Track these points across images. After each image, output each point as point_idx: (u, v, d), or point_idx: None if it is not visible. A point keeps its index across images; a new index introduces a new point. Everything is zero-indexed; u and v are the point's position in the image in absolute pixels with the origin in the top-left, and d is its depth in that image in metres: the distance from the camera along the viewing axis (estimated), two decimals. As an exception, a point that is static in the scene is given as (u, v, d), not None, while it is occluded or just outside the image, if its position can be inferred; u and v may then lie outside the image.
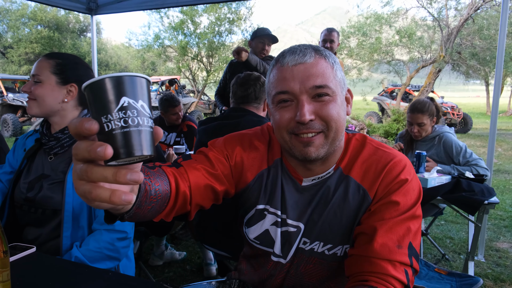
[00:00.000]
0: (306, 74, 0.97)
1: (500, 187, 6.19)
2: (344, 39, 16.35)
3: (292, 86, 0.97)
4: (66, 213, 1.46)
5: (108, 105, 0.53)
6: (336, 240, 1.06)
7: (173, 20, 19.33)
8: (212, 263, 3.05)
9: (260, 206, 1.14)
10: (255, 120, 2.03)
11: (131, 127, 0.54)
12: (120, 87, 0.54)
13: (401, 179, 1.00)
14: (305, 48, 1.00)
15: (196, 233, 2.20)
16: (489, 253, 3.47)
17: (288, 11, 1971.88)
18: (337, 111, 0.98)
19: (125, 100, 0.54)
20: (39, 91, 1.51)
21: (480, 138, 12.68)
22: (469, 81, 17.79)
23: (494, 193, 2.37)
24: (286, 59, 1.00)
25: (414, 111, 2.96)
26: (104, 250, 1.44)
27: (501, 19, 3.11)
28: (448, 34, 13.70)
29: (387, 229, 0.95)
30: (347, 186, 1.05)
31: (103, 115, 0.53)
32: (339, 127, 0.99)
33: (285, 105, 1.00)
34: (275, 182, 1.13)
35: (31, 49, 28.07)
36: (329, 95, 0.98)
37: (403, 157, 1.06)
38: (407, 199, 0.99)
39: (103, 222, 1.47)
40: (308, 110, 0.96)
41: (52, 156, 1.57)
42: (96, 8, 4.64)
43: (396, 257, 0.92)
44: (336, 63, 1.02)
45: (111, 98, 0.53)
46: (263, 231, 1.13)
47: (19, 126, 12.55)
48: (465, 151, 2.80)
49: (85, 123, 0.52)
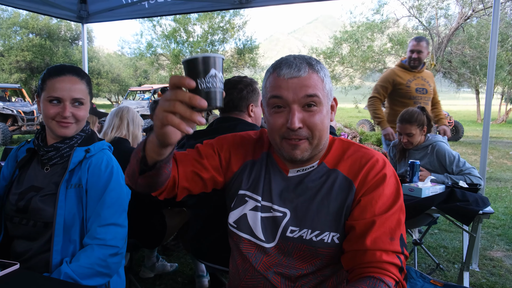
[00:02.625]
0: (299, 86, 1.09)
1: (492, 195, 6.20)
2: (336, 45, 16.46)
3: (286, 94, 1.09)
4: (57, 225, 1.43)
5: (202, 72, 0.82)
6: (323, 226, 1.14)
7: (165, 28, 19.38)
8: (204, 275, 2.99)
9: (242, 192, 1.26)
10: (247, 129, 1.97)
11: (214, 88, 0.83)
12: (210, 62, 0.82)
13: (384, 173, 1.12)
14: (300, 63, 1.11)
15: (190, 247, 2.14)
16: (483, 262, 3.45)
17: (280, 20, 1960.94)
18: (321, 120, 1.11)
19: (213, 70, 0.82)
20: (83, 113, 1.54)
21: (471, 146, 12.77)
22: (460, 89, 17.94)
23: (489, 202, 2.36)
24: (283, 71, 1.10)
25: (402, 122, 2.96)
26: (96, 266, 1.40)
27: (492, 28, 3.13)
28: (439, 43, 13.87)
29: (380, 224, 1.05)
30: (335, 179, 1.16)
31: (198, 78, 0.81)
32: (322, 135, 1.12)
33: (278, 111, 1.12)
34: (259, 172, 1.26)
35: (22, 57, 27.91)
36: (317, 106, 1.10)
37: (382, 155, 1.19)
38: (393, 191, 1.11)
39: (95, 237, 1.44)
40: (298, 118, 1.08)
41: (49, 167, 1.54)
42: (87, 16, 4.60)
43: (389, 248, 1.02)
44: (326, 76, 1.15)
45: (203, 69, 0.82)
46: (241, 215, 1.24)
47: (9, 135, 12.36)
48: (458, 160, 2.79)
49: (187, 80, 0.80)
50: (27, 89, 28.35)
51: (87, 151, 1.54)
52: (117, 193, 1.52)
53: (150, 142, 0.93)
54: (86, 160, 1.52)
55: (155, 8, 4.31)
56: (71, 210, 1.46)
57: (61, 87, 1.46)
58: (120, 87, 36.00)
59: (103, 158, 1.55)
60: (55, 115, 1.47)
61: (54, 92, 1.46)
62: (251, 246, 1.23)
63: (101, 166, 1.52)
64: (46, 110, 1.47)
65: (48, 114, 1.47)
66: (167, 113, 0.80)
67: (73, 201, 1.48)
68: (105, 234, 1.45)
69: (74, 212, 1.47)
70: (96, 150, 1.57)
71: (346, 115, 26.19)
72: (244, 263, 1.26)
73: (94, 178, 1.50)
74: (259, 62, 22.10)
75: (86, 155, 1.53)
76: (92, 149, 1.56)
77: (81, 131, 1.59)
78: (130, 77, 34.56)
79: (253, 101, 2.09)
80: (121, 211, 1.53)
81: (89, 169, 1.51)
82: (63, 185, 1.46)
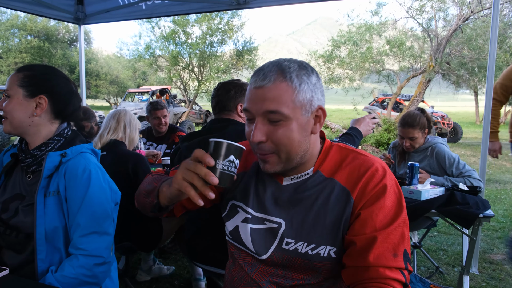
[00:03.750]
0: (262, 98, 1.02)
1: (492, 197, 6.17)
2: (334, 48, 16.43)
3: (251, 107, 1.04)
4: (39, 235, 1.36)
5: (222, 156, 0.94)
6: (319, 240, 1.07)
7: (164, 30, 19.35)
8: (201, 278, 2.96)
9: (233, 202, 1.23)
10: (238, 130, 1.96)
11: (228, 171, 0.95)
12: (231, 148, 0.95)
13: (385, 184, 1.04)
14: (269, 70, 1.03)
15: (187, 250, 2.11)
16: (483, 265, 3.42)
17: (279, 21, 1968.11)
18: (288, 135, 1.02)
19: (232, 157, 0.95)
20: (8, 107, 1.42)
21: (470, 148, 12.77)
22: (459, 91, 17.95)
23: (489, 205, 2.33)
24: (252, 79, 1.06)
25: (405, 126, 2.91)
26: (81, 276, 1.34)
27: (491, 29, 3.11)
28: (438, 44, 13.85)
29: (383, 239, 0.98)
30: (332, 189, 1.09)
31: (217, 159, 0.94)
32: (290, 150, 1.04)
33: (250, 122, 1.08)
34: (249, 182, 1.21)
35: (20, 59, 27.87)
36: (283, 120, 1.02)
37: (383, 163, 1.11)
38: (395, 203, 1.04)
39: (78, 247, 1.37)
40: (260, 131, 1.03)
41: (31, 175, 1.47)
42: (84, 17, 4.58)
43: (392, 264, 0.97)
44: (302, 83, 1.03)
45: (225, 153, 0.95)
46: (234, 227, 1.21)
47: (6, 136, 12.30)
48: (458, 162, 2.76)
49: (208, 158, 0.92)
50: (26, 90, 28.25)
51: (63, 155, 1.42)
52: (98, 199, 1.42)
53: (163, 193, 1.05)
54: (62, 165, 1.42)
55: (152, 9, 4.29)
56: (52, 219, 1.38)
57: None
58: (119, 88, 35.96)
59: (80, 162, 1.43)
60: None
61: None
62: (248, 256, 1.20)
63: (78, 171, 1.41)
64: None
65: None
66: (185, 182, 0.93)
67: (53, 209, 1.39)
68: (87, 244, 1.37)
69: (55, 221, 1.39)
70: (74, 154, 1.45)
71: (344, 116, 26.20)
72: (240, 271, 1.23)
73: (71, 184, 1.40)
74: (258, 64, 22.08)
75: (62, 159, 1.42)
76: (69, 153, 1.44)
77: (57, 135, 1.48)
78: (129, 78, 34.52)
79: (242, 101, 2.11)
80: (104, 217, 1.43)
81: (65, 174, 1.41)
82: (40, 193, 1.37)
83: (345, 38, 16.02)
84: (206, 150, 1.12)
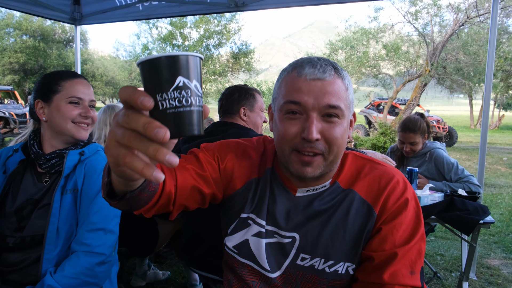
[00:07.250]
0: (323, 91, 0.94)
1: (487, 201, 6.18)
2: (332, 52, 16.48)
3: (306, 100, 0.94)
4: (49, 234, 1.37)
5: (164, 84, 0.54)
6: (338, 256, 1.00)
7: (161, 31, 19.32)
8: (197, 284, 2.91)
9: (244, 215, 1.10)
10: (239, 133, 1.95)
11: (185, 107, 0.55)
12: (176, 66, 0.54)
13: (406, 198, 0.99)
14: (326, 64, 0.97)
15: (183, 255, 2.08)
16: (480, 270, 3.41)
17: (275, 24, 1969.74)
18: (341, 134, 0.96)
19: (180, 80, 0.54)
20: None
21: (465, 152, 12.81)
22: (453, 95, 18.06)
23: (488, 211, 2.31)
24: (305, 70, 0.96)
25: (406, 130, 2.89)
26: (82, 276, 1.33)
27: (490, 35, 3.10)
28: (434, 49, 13.93)
29: (401, 256, 0.93)
30: (352, 201, 1.02)
31: (158, 93, 0.54)
32: (339, 150, 0.98)
33: (293, 117, 0.96)
34: (264, 192, 1.09)
35: (15, 59, 27.65)
36: (338, 117, 0.95)
37: (402, 175, 1.06)
38: (413, 218, 0.98)
39: (82, 242, 1.38)
40: (316, 128, 0.93)
41: (48, 179, 1.47)
42: (80, 18, 4.53)
43: (409, 283, 0.91)
44: (350, 84, 1.00)
45: (167, 77, 0.54)
46: (243, 240, 1.08)
47: (0, 137, 12.21)
48: (456, 167, 2.75)
49: (141, 98, 0.52)
50: (20, 91, 28.09)
51: (81, 153, 1.49)
52: None
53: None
54: (81, 163, 1.48)
55: (150, 10, 4.25)
56: (67, 217, 1.41)
57: (80, 89, 1.48)
58: (115, 90, 35.85)
59: (98, 160, 1.51)
60: (76, 116, 1.46)
61: (76, 93, 1.46)
62: (255, 275, 1.09)
63: (97, 168, 1.48)
64: (67, 111, 1.45)
65: (70, 115, 1.45)
66: (122, 149, 0.54)
67: (68, 207, 1.43)
68: (93, 239, 1.39)
69: (70, 219, 1.42)
70: (91, 152, 1.53)
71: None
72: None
73: (89, 180, 1.46)
74: (254, 67, 22.11)
75: (81, 158, 1.49)
76: (87, 151, 1.52)
77: None
78: (125, 80, 34.42)
79: (246, 105, 2.16)
80: (112, 216, 1.47)
81: (85, 170, 1.47)
82: (58, 192, 1.41)
83: (342, 42, 16.08)
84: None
